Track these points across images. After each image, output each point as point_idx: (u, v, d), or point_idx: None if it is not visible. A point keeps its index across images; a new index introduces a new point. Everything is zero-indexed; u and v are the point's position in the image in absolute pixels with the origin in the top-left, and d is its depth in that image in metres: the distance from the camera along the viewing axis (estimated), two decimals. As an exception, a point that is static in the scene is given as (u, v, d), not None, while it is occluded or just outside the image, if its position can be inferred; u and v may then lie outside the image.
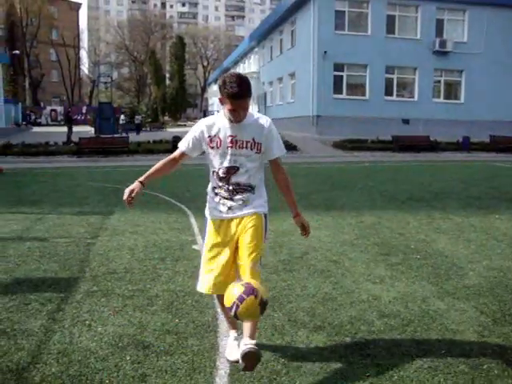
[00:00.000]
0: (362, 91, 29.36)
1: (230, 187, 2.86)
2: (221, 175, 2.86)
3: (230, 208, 2.88)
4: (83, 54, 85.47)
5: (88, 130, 33.25)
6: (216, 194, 2.92)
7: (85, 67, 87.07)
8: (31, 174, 15.04)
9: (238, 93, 2.64)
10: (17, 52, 55.25)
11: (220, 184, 2.88)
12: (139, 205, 8.61)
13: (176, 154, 3.00)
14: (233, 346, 3.03)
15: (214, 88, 70.17)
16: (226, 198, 2.88)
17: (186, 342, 3.19)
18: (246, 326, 2.75)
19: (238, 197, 2.86)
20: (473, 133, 25.36)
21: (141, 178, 3.01)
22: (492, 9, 28.78)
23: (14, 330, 3.36)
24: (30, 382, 2.71)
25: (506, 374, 2.82)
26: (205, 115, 74.93)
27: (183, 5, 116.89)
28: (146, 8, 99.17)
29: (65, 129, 28.37)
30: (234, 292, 2.52)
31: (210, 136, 2.84)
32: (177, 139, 22.35)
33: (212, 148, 2.84)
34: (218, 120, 2.86)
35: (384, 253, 5.42)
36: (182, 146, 2.96)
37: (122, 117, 38.42)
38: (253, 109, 2.90)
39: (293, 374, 2.81)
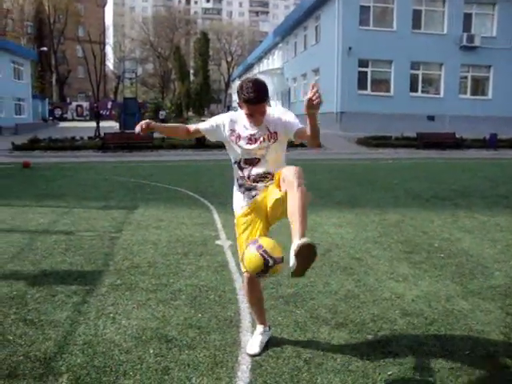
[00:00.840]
0: (387, 87, 29.04)
1: (252, 177, 2.97)
2: (242, 166, 2.99)
3: (253, 196, 2.99)
4: (109, 50, 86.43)
5: (113, 126, 33.66)
6: (240, 186, 3.04)
7: (110, 63, 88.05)
8: (57, 168, 15.32)
9: (255, 98, 2.76)
10: (44, 49, 56.20)
11: (241, 174, 3.00)
12: (163, 200, 8.72)
13: (193, 127, 3.17)
14: (256, 340, 3.08)
15: (238, 83, 70.32)
16: (250, 189, 2.99)
17: (209, 337, 3.22)
18: (295, 226, 2.61)
19: (259, 185, 2.97)
20: (500, 130, 24.85)
21: (154, 125, 3.04)
22: (523, 3, 28.12)
23: (41, 321, 3.44)
24: (57, 371, 2.77)
25: (532, 376, 2.77)
26: (228, 110, 75.30)
27: (207, 1, 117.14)
28: (171, 4, 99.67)
29: (90, 124, 28.96)
30: (280, 249, 2.66)
31: (231, 129, 2.97)
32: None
33: (232, 141, 2.98)
34: (240, 117, 2.97)
35: (407, 251, 5.36)
36: (202, 125, 3.12)
37: (162, 112, 39.59)
38: (276, 105, 2.92)
39: (314, 370, 2.82)
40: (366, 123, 26.85)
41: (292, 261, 2.47)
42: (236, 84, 71.96)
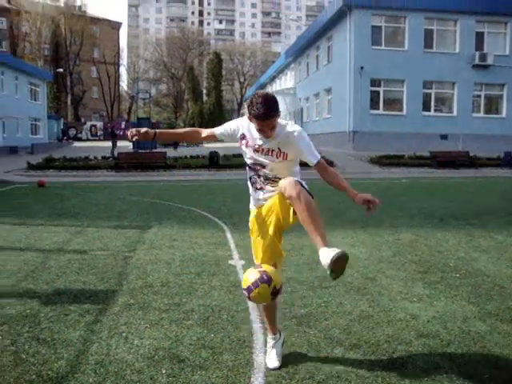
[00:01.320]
0: (400, 107, 29.07)
1: (261, 178, 3.06)
2: (251, 166, 3.09)
3: (264, 199, 3.07)
4: (123, 70, 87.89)
5: (127, 145, 34.00)
6: (253, 184, 3.13)
7: (124, 83, 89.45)
8: (72, 187, 15.47)
9: (264, 114, 2.76)
10: (60, 70, 57.38)
11: (252, 174, 3.10)
12: (176, 219, 8.75)
13: (205, 130, 3.26)
14: (273, 354, 3.14)
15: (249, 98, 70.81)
16: (260, 189, 3.09)
17: (221, 357, 3.19)
18: (312, 235, 2.76)
19: (269, 187, 3.05)
20: (515, 148, 24.69)
21: (157, 130, 3.26)
22: (535, 20, 28.14)
23: (54, 340, 3.44)
24: (69, 392, 2.76)
25: (553, 401, 2.69)
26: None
27: (220, 22, 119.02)
28: (184, 26, 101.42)
29: (104, 143, 29.37)
30: (250, 277, 2.78)
31: (243, 134, 3.05)
32: (214, 154, 22.65)
33: (242, 144, 3.08)
34: (251, 125, 2.99)
35: (422, 271, 5.30)
36: (217, 130, 3.21)
37: None
38: (293, 123, 2.99)
39: (328, 392, 2.77)
40: (378, 142, 26.83)
41: (328, 272, 2.73)
42: (248, 104, 72.53)
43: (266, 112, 2.74)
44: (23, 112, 38.15)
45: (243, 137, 3.04)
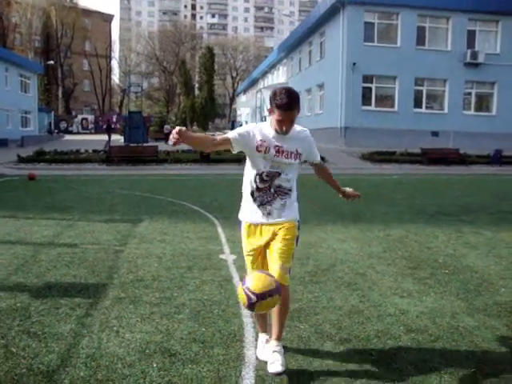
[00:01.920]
0: (391, 103, 29.16)
1: (272, 189, 2.98)
2: (264, 178, 2.98)
3: (269, 213, 3.01)
4: (114, 63, 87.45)
5: (118, 139, 33.85)
6: (254, 200, 3.02)
7: (116, 77, 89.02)
8: (62, 180, 15.38)
9: (287, 104, 2.79)
10: (51, 62, 56.85)
11: (261, 186, 2.99)
12: (167, 213, 8.73)
13: (220, 137, 3.00)
14: (262, 347, 3.17)
15: (243, 99, 70.73)
16: (265, 203, 3.00)
17: (212, 351, 3.20)
18: (275, 327, 3.04)
19: (277, 201, 3.00)
20: (505, 146, 24.83)
21: (183, 134, 2.72)
22: (526, 20, 28.32)
23: (45, 333, 3.43)
24: (60, 385, 2.76)
25: (539, 395, 2.74)
26: (233, 125, 75.27)
27: (213, 16, 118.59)
28: (177, 19, 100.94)
29: (95, 137, 29.36)
30: (267, 282, 2.71)
31: (261, 139, 2.94)
32: (205, 149, 22.59)
33: (259, 152, 2.94)
34: (266, 128, 2.98)
35: (412, 267, 5.34)
36: (231, 134, 2.97)
37: (167, 126, 39.81)
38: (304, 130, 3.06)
39: (318, 386, 2.79)
40: (370, 138, 26.91)
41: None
42: (241, 99, 72.48)
43: (288, 102, 2.79)
44: (13, 104, 37.83)
45: (261, 142, 2.93)
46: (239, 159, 20.27)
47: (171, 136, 2.62)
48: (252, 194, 3.02)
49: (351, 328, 3.62)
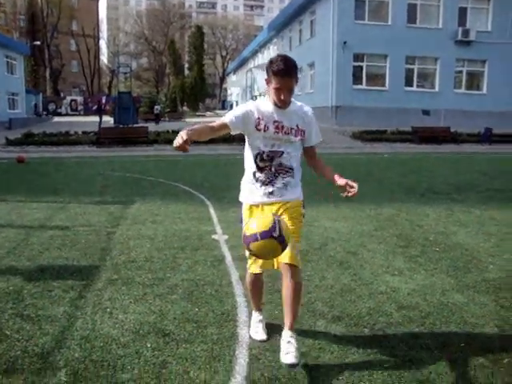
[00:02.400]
0: (382, 82, 29.08)
1: (273, 169, 2.88)
2: (265, 157, 2.88)
3: (271, 193, 2.91)
4: (102, 44, 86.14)
5: (108, 120, 33.53)
6: (256, 180, 2.92)
7: (104, 57, 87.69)
8: (52, 163, 15.27)
9: (284, 69, 2.70)
10: (38, 43, 55.87)
11: (262, 166, 2.89)
12: (159, 194, 8.72)
13: (216, 123, 2.84)
14: (256, 326, 3.16)
15: (233, 78, 70.09)
16: (267, 183, 2.90)
17: (206, 331, 3.23)
18: (287, 316, 2.89)
19: (279, 180, 2.90)
20: (495, 124, 24.93)
21: (189, 133, 2.58)
22: (517, -3, 28.20)
23: (39, 316, 3.44)
24: (55, 365, 2.78)
25: (526, 368, 2.80)
26: (223, 105, 74.63)
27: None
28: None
29: (85, 118, 29.14)
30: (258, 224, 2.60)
31: (258, 117, 2.83)
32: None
33: (259, 130, 2.84)
34: (264, 104, 2.88)
35: (403, 245, 5.39)
36: (227, 118, 2.84)
37: (157, 107, 39.43)
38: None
39: (311, 363, 2.83)
40: (361, 117, 26.89)
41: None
42: (231, 78, 71.82)
43: (285, 68, 2.71)
44: (0, 86, 37.22)
45: (259, 120, 2.83)
46: (229, 140, 20.17)
47: (176, 141, 2.50)
48: (254, 174, 2.92)
49: (343, 306, 3.66)
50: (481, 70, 29.77)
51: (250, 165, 2.95)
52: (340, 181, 2.96)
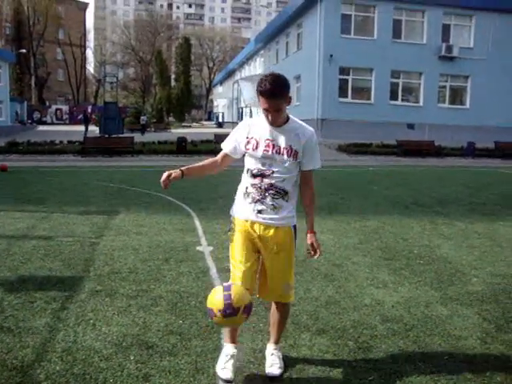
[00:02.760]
0: (368, 95, 29.38)
1: (263, 187, 2.75)
2: (255, 174, 2.77)
3: (259, 211, 2.77)
4: (89, 53, 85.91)
5: (93, 130, 33.33)
6: (248, 195, 2.80)
7: (91, 67, 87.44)
8: (36, 172, 15.09)
9: (269, 90, 2.58)
10: (23, 51, 55.51)
11: (253, 182, 2.78)
12: (144, 205, 8.66)
13: (219, 156, 2.90)
14: (225, 361, 2.84)
15: (220, 90, 70.30)
16: (257, 201, 2.76)
17: (190, 343, 3.20)
18: (273, 332, 3.00)
19: (269, 200, 2.75)
20: (478, 138, 25.29)
21: (183, 168, 2.83)
22: (499, 15, 28.86)
23: (19, 328, 3.38)
24: (35, 379, 2.72)
25: (509, 381, 2.82)
26: (209, 116, 74.52)
27: (190, 6, 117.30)
28: (153, 9, 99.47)
29: (70, 128, 28.96)
30: (215, 299, 2.60)
31: (247, 137, 2.78)
32: (181, 140, 22.44)
33: (248, 149, 2.78)
34: (259, 122, 2.79)
35: (387, 257, 5.42)
36: (225, 147, 2.87)
37: (143, 117, 39.32)
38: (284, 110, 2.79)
39: (295, 376, 2.82)
40: (346, 130, 27.08)
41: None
42: (218, 90, 72.02)
43: (271, 89, 2.57)
44: (-16, 94, 36.87)
45: (249, 139, 2.76)
46: (215, 151, 20.15)
47: (161, 180, 2.72)
48: (246, 188, 2.81)
49: (328, 318, 3.66)
50: (464, 85, 30.26)
51: (244, 178, 2.87)
52: (309, 239, 2.94)
